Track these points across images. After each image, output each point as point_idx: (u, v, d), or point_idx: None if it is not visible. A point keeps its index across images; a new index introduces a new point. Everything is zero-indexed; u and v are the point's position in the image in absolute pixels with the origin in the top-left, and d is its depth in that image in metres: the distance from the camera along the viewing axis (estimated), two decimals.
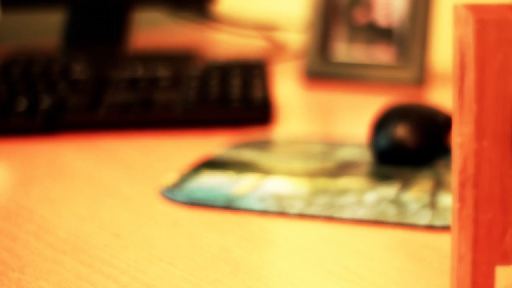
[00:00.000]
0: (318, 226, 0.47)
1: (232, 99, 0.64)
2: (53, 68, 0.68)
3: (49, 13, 0.87)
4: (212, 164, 0.56)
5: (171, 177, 0.54)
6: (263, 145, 0.60)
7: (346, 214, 0.48)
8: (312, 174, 0.54)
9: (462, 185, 0.33)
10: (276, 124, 0.66)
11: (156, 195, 0.52)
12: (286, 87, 0.79)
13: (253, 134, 0.63)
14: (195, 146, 0.61)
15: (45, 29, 0.91)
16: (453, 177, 0.34)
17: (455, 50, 0.33)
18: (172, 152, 0.60)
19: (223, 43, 0.96)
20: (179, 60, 0.70)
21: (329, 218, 0.48)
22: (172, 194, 0.51)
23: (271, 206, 0.49)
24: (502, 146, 0.32)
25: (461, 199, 0.33)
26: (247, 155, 0.58)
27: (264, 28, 0.93)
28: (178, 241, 0.46)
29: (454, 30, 0.33)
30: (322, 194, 0.51)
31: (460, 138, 0.33)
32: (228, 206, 0.49)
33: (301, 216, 0.48)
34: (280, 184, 0.52)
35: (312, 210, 0.49)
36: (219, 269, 0.42)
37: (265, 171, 0.55)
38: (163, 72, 0.66)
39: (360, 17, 0.79)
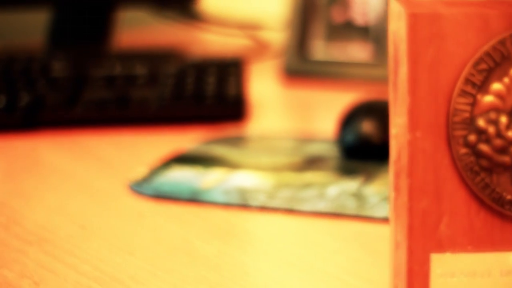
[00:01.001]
0: (279, 219, 0.48)
1: (206, 96, 0.65)
2: (34, 66, 0.69)
3: (34, 13, 0.88)
4: (182, 159, 0.57)
5: (140, 172, 0.55)
6: (234, 140, 0.61)
7: (306, 206, 0.49)
8: (278, 169, 0.55)
9: (397, 175, 0.34)
10: (249, 121, 0.67)
11: (125, 189, 0.53)
12: (265, 85, 0.80)
13: (226, 130, 0.64)
14: (168, 142, 0.61)
15: (31, 29, 0.92)
16: (390, 167, 0.35)
17: (390, 44, 0.34)
18: (146, 148, 0.61)
19: (206, 42, 0.97)
20: (159, 58, 0.71)
21: (290, 211, 0.49)
22: (140, 187, 0.52)
23: (234, 199, 0.50)
24: (435, 137, 0.33)
25: (396, 188, 0.34)
26: (218, 150, 0.59)
27: (248, 27, 0.94)
28: (140, 233, 0.47)
29: (389, 25, 0.34)
30: (285, 187, 0.52)
31: (395, 129, 0.34)
32: (193, 199, 0.50)
33: (263, 208, 0.49)
34: (245, 178, 0.53)
35: (274, 203, 0.49)
36: (177, 259, 0.43)
37: (233, 166, 0.56)
38: (140, 70, 0.67)
39: (337, 15, 0.79)
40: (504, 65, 0.33)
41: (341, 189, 0.52)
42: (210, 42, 0.97)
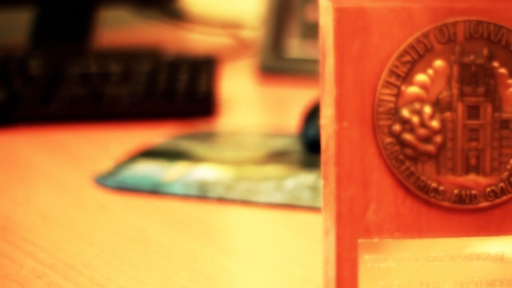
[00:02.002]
0: (235, 210, 0.49)
1: (177, 92, 0.66)
2: (11, 64, 0.70)
3: (18, 12, 0.89)
4: (149, 153, 0.58)
5: (106, 165, 0.56)
6: (202, 136, 0.62)
7: (262, 198, 0.50)
8: (240, 163, 0.56)
9: (325, 163, 0.34)
10: (219, 117, 0.68)
11: (90, 182, 0.54)
12: (240, 82, 0.81)
13: (195, 126, 0.65)
14: (138, 137, 0.63)
15: (15, 28, 0.93)
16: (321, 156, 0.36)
17: (319, 37, 0.35)
18: (116, 143, 0.62)
19: (186, 40, 0.98)
20: (134, 57, 0.72)
21: (246, 202, 0.50)
22: (104, 180, 0.54)
23: (194, 191, 0.51)
24: (362, 127, 0.34)
25: (324, 176, 0.35)
26: (184, 145, 0.60)
27: (229, 26, 0.95)
28: (100, 223, 0.48)
29: (319, 19, 0.35)
30: (244, 180, 0.53)
31: (323, 119, 0.34)
32: (154, 191, 0.52)
33: (220, 200, 0.50)
34: (207, 172, 0.54)
35: (231, 195, 0.51)
36: (131, 247, 0.44)
37: (196, 160, 0.57)
38: (114, 68, 0.69)
39: (312, 14, 0.80)
40: (427, 57, 0.34)
41: (298, 181, 0.52)
42: (190, 40, 0.98)
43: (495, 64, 0.34)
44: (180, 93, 0.66)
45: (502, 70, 0.34)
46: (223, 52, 0.88)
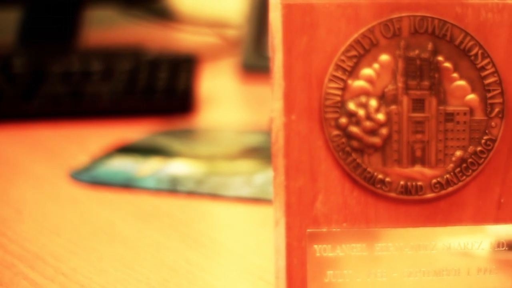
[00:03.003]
0: (204, 204, 0.50)
1: (156, 90, 0.67)
2: None
3: (5, 12, 0.90)
4: (125, 149, 0.58)
5: (82, 160, 0.57)
6: (178, 132, 0.63)
7: (231, 192, 0.51)
8: (213, 158, 0.56)
9: (275, 155, 0.35)
10: (198, 114, 0.69)
11: (66, 177, 0.54)
12: (222, 80, 0.82)
13: (174, 122, 0.66)
14: (117, 134, 0.63)
15: (2, 28, 0.94)
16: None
17: (269, 34, 0.35)
18: (95, 139, 0.62)
19: (172, 39, 0.98)
20: (116, 56, 0.73)
21: (214, 196, 0.50)
22: (79, 175, 0.54)
23: (165, 185, 0.52)
24: (309, 120, 0.34)
25: (274, 168, 0.35)
26: (160, 141, 0.60)
27: (215, 25, 0.95)
28: (71, 216, 0.48)
29: (269, 16, 0.35)
30: (215, 175, 0.53)
31: (272, 113, 0.35)
32: (127, 185, 0.52)
33: (190, 194, 0.51)
34: (180, 167, 0.55)
35: (201, 189, 0.51)
36: (98, 239, 0.45)
37: (171, 155, 0.57)
38: (96, 66, 0.69)
39: None
40: (373, 52, 0.34)
41: (267, 176, 0.53)
42: (176, 39, 0.99)
43: (440, 58, 0.34)
44: (160, 90, 0.66)
45: (447, 64, 0.34)
46: (207, 51, 0.89)
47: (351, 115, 0.34)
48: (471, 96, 0.35)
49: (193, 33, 0.95)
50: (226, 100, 0.75)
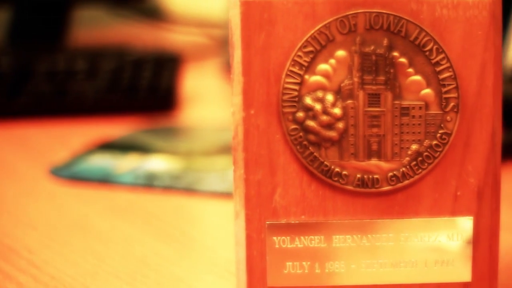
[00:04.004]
0: (179, 199, 0.50)
1: (140, 89, 0.67)
2: None
3: None
4: (105, 146, 0.59)
5: (62, 157, 0.57)
6: (160, 130, 0.63)
7: (205, 187, 0.51)
8: (191, 154, 0.57)
9: (234, 149, 0.35)
10: (180, 112, 0.69)
11: (46, 173, 0.55)
12: (208, 79, 0.82)
13: (156, 120, 0.66)
14: (99, 132, 0.63)
15: None
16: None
17: (228, 30, 0.36)
18: (77, 137, 0.63)
19: (161, 39, 0.98)
20: (102, 55, 0.73)
21: (189, 191, 0.51)
22: (59, 171, 0.55)
23: (142, 181, 0.52)
24: (268, 114, 0.34)
25: (234, 162, 0.35)
26: (141, 138, 0.61)
27: (203, 24, 0.96)
28: (47, 210, 0.49)
29: (228, 13, 0.36)
30: (192, 171, 0.54)
31: (232, 108, 0.35)
32: (105, 181, 0.52)
33: (166, 189, 0.51)
34: (158, 163, 0.55)
35: (177, 184, 0.52)
36: (73, 232, 0.46)
37: (149, 152, 0.58)
38: (81, 65, 0.69)
39: None
40: (329, 48, 0.34)
41: None
42: (164, 39, 0.99)
43: (395, 53, 0.34)
44: (143, 89, 0.67)
45: (402, 60, 0.34)
46: (194, 50, 0.89)
47: (308, 109, 0.35)
48: (426, 91, 0.35)
49: (181, 32, 0.96)
50: (209, 99, 0.76)
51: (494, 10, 0.36)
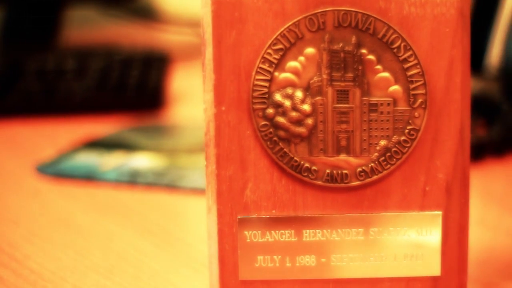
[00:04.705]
0: (161, 195, 0.50)
1: (128, 87, 0.68)
2: None
3: None
4: (92, 144, 0.59)
5: (49, 155, 0.57)
6: (146, 128, 0.64)
7: (187, 184, 0.51)
8: (175, 152, 0.57)
9: (206, 145, 0.35)
10: (168, 110, 0.69)
11: (32, 170, 0.55)
12: (197, 79, 0.82)
13: (143, 119, 0.66)
14: (87, 130, 0.64)
15: None
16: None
17: (200, 28, 0.36)
18: (65, 135, 0.63)
19: (153, 39, 0.98)
20: (92, 55, 0.73)
21: (172, 188, 0.51)
22: (45, 169, 0.55)
23: (126, 178, 0.52)
24: (239, 111, 0.35)
25: (207, 157, 0.36)
26: (127, 136, 0.61)
27: (196, 24, 0.96)
28: (32, 207, 0.49)
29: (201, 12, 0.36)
30: (175, 168, 0.54)
31: (204, 104, 0.36)
32: (90, 178, 0.53)
33: (149, 186, 0.52)
34: (142, 161, 0.55)
35: (160, 181, 0.52)
36: (54, 228, 0.46)
37: (135, 150, 0.58)
38: (70, 65, 0.70)
39: None
40: (298, 45, 0.34)
41: None
42: (155, 39, 0.99)
43: (363, 51, 0.35)
44: (131, 88, 0.67)
45: (370, 57, 0.35)
46: (185, 50, 0.89)
47: (278, 106, 0.35)
48: (395, 87, 0.35)
49: (172, 32, 0.96)
50: (197, 98, 0.76)
51: (462, 8, 0.36)
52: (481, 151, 0.58)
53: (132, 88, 0.68)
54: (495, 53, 0.68)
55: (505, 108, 0.62)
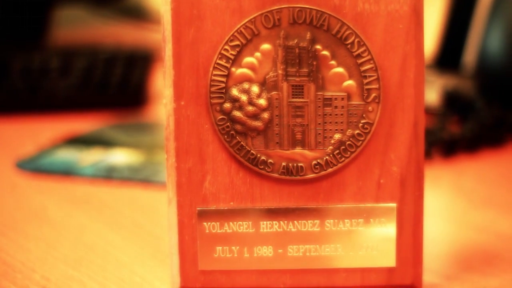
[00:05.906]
0: (135, 190, 0.51)
1: (111, 85, 0.69)
2: None
3: None
4: (71, 141, 0.60)
5: (30, 151, 0.58)
6: (127, 125, 0.65)
7: (161, 179, 0.52)
8: (152, 148, 0.58)
9: (167, 139, 0.36)
10: (150, 108, 0.70)
11: (12, 166, 0.56)
12: None
13: (125, 116, 0.67)
14: (69, 127, 0.65)
15: None
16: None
17: (161, 25, 0.37)
18: (47, 132, 0.64)
19: (141, 38, 0.99)
20: (77, 53, 0.75)
21: (146, 182, 0.52)
22: (24, 164, 0.56)
23: (102, 173, 0.53)
24: (197, 105, 0.36)
25: (167, 151, 0.37)
26: (107, 133, 0.62)
27: None
28: (8, 201, 0.50)
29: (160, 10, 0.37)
30: (151, 164, 0.55)
31: (164, 99, 0.36)
32: (67, 174, 0.54)
33: (124, 181, 0.53)
34: (120, 157, 0.56)
35: (135, 176, 0.53)
36: (29, 221, 0.47)
37: (113, 146, 0.59)
38: (55, 63, 0.71)
39: None
40: (255, 42, 0.35)
41: None
42: (145, 38, 1.00)
43: (318, 47, 0.36)
44: (114, 86, 0.69)
45: (325, 53, 0.36)
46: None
47: (235, 100, 0.36)
48: (349, 82, 0.36)
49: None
50: None
51: (415, 5, 0.37)
52: (453, 147, 0.59)
53: (115, 86, 0.69)
54: (471, 51, 0.69)
55: (479, 106, 0.63)
